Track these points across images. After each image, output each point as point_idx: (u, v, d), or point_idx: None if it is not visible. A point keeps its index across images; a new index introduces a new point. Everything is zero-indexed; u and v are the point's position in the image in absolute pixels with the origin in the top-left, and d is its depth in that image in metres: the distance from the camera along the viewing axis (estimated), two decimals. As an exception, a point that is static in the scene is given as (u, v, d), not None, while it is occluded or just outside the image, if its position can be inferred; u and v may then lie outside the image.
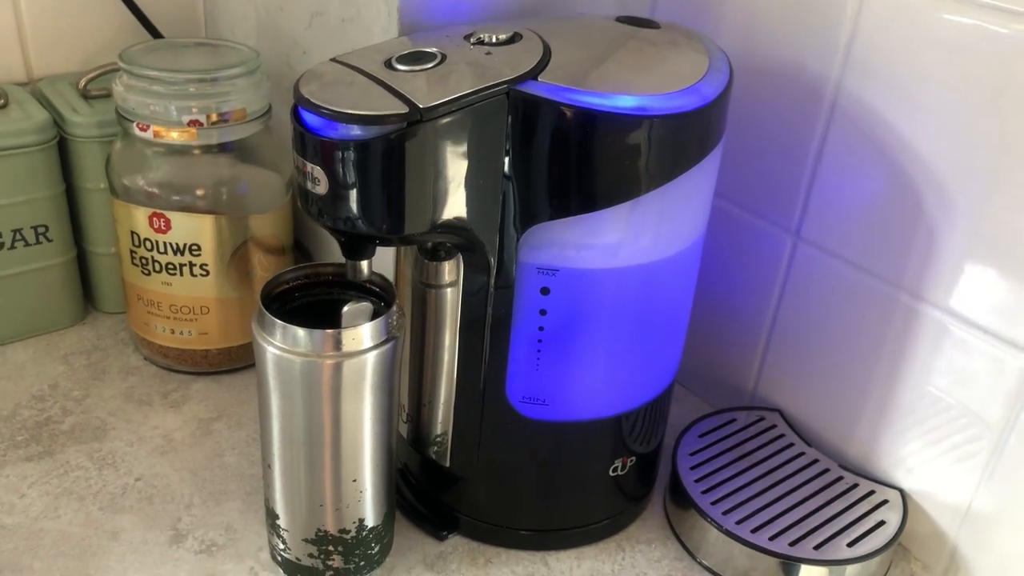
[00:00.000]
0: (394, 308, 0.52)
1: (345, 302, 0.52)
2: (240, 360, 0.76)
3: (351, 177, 0.47)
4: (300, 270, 0.55)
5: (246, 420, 0.71)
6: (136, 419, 0.70)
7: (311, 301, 0.55)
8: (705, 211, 0.56)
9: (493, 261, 0.52)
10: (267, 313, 0.50)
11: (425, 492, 0.64)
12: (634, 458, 0.61)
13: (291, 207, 0.76)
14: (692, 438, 0.68)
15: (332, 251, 0.81)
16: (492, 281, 0.53)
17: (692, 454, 0.67)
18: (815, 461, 0.67)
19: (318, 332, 0.49)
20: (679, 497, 0.64)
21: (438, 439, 0.61)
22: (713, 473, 0.65)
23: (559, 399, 0.56)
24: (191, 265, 0.70)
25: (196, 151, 0.69)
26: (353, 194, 0.47)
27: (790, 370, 0.71)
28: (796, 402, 0.71)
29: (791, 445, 0.69)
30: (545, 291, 0.52)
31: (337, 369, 0.50)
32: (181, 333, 0.73)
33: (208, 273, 0.71)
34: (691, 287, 0.58)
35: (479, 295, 0.54)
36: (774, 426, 0.71)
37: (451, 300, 0.56)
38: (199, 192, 0.69)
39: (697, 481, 0.64)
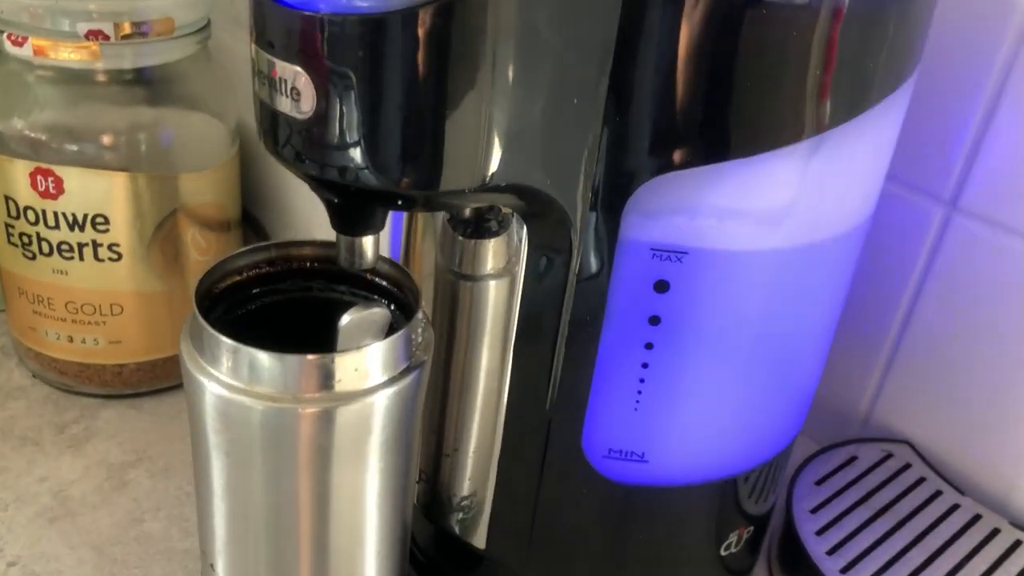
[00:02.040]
0: (419, 316, 0.31)
1: (335, 305, 0.32)
2: (168, 378, 0.58)
3: (355, 85, 0.26)
4: (260, 252, 0.34)
5: (178, 464, 0.52)
6: (15, 467, 0.51)
7: (279, 302, 0.34)
8: (884, 169, 0.37)
9: (575, 238, 0.32)
10: (206, 325, 0.30)
11: (441, 579, 0.44)
12: (752, 528, 0.42)
13: (238, 164, 0.56)
14: (807, 487, 0.50)
15: (296, 227, 0.60)
16: (572, 270, 0.33)
17: (812, 511, 0.48)
18: (977, 517, 0.49)
19: (294, 359, 0.29)
20: (801, 572, 0.45)
21: (464, 504, 0.42)
22: (846, 542, 0.46)
23: (666, 453, 0.37)
24: (95, 245, 0.51)
25: (100, 79, 0.50)
26: (357, 117, 0.27)
27: (925, 389, 0.55)
28: (932, 433, 0.54)
29: (939, 494, 0.51)
30: (662, 287, 0.33)
31: (326, 421, 0.30)
32: (83, 341, 0.54)
33: (120, 257, 0.52)
34: (848, 282, 0.39)
35: (548, 293, 0.34)
36: (907, 465, 0.53)
37: (497, 300, 0.36)
38: (105, 140, 0.51)
39: (829, 554, 0.45)
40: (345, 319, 0.29)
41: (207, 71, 0.54)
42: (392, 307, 0.34)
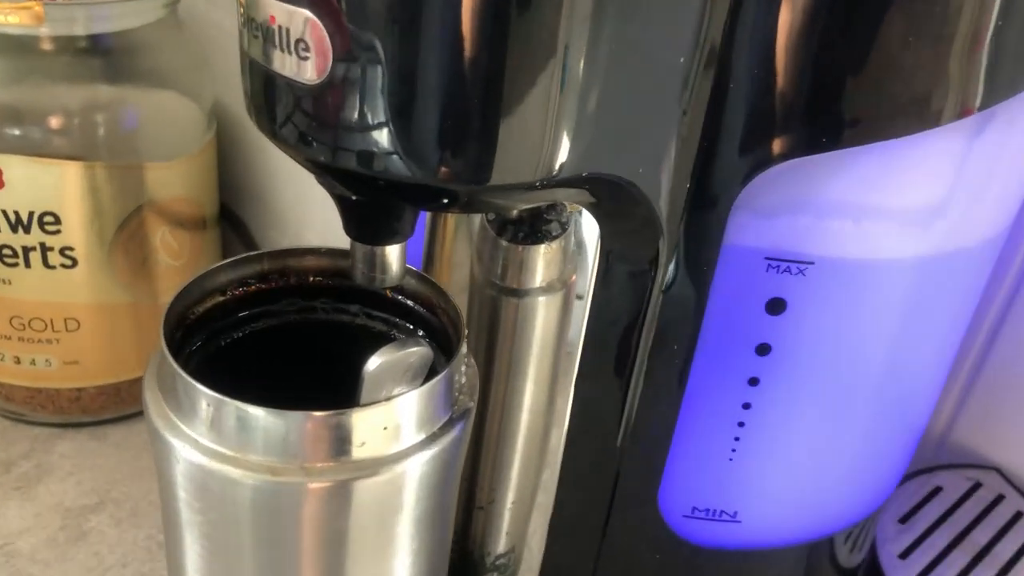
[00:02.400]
0: (462, 351, 0.24)
1: (346, 331, 0.24)
2: (135, 403, 0.50)
3: (385, 39, 0.19)
4: (248, 264, 0.26)
5: (148, 508, 0.45)
6: (-48, 515, 0.43)
7: (273, 329, 0.26)
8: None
9: (664, 243, 0.25)
10: (179, 369, 0.22)
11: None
12: (845, 587, 0.35)
13: (214, 152, 0.48)
14: (891, 526, 0.43)
15: (284, 227, 0.52)
16: (659, 284, 0.25)
17: (902, 556, 0.41)
18: (1089, 559, 0.42)
19: (299, 416, 0.21)
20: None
21: (501, 563, 0.35)
22: (946, 593, 0.39)
23: (765, 511, 0.30)
24: (44, 249, 0.44)
25: (46, 48, 0.43)
26: (386, 84, 0.19)
27: (1014, 408, 0.46)
28: (1022, 457, 0.47)
29: (1042, 532, 0.43)
30: (777, 307, 0.25)
31: (343, 499, 0.22)
32: (33, 363, 0.47)
33: (75, 263, 0.44)
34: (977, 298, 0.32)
35: (623, 312, 0.27)
36: (1000, 497, 0.46)
37: (549, 320, 0.29)
38: (54, 123, 0.43)
39: (929, 612, 0.38)
40: (374, 363, 0.21)
41: (177, 42, 0.46)
42: (426, 338, 0.26)
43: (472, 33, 0.20)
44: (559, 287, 0.29)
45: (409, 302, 0.27)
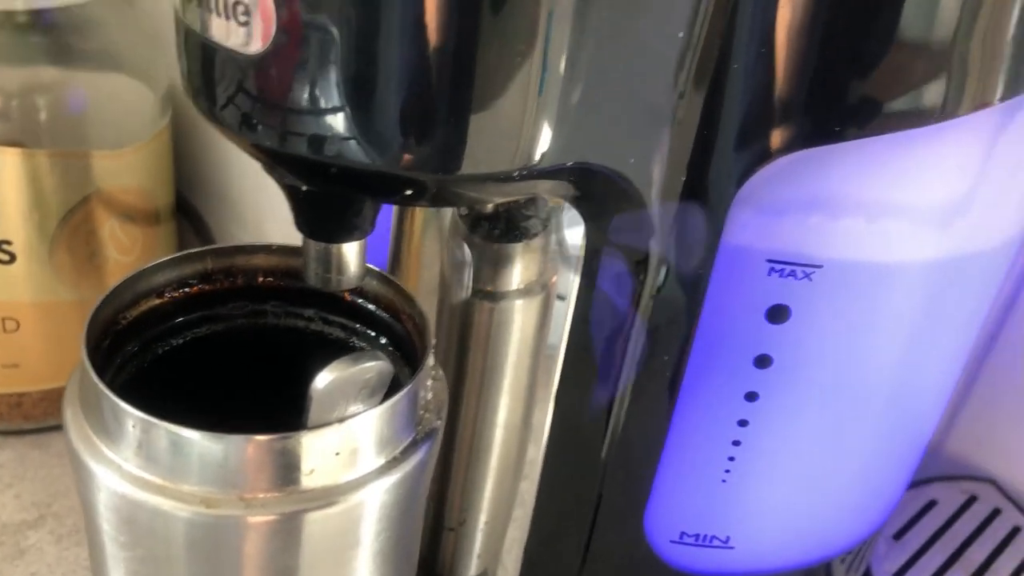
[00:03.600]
0: (428, 363, 0.21)
1: (301, 338, 0.21)
2: None
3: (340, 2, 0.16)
4: (190, 263, 0.23)
5: None
6: None
7: (217, 336, 0.24)
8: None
9: (656, 242, 0.22)
10: (102, 385, 0.19)
11: None
12: (843, 613, 0.33)
13: (169, 139, 0.45)
14: (885, 543, 0.41)
15: (246, 220, 0.49)
16: (649, 287, 0.23)
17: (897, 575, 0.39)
18: (1090, 577, 0.40)
19: (239, 441, 0.18)
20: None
21: None
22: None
23: (760, 535, 0.27)
24: None
25: None
26: (341, 56, 0.16)
27: (1010, 415, 0.44)
28: (1018, 469, 0.45)
29: (1041, 548, 0.41)
30: (779, 315, 0.23)
31: (290, 533, 0.19)
32: None
33: (13, 258, 0.42)
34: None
35: (609, 318, 0.24)
36: (997, 511, 0.44)
37: (527, 327, 0.26)
38: None
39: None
40: (323, 380, 0.19)
41: (128, 19, 0.43)
42: (388, 345, 0.23)
43: (443, 10, 0.17)
44: (538, 290, 0.27)
45: (370, 306, 0.24)
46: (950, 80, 0.21)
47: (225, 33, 0.17)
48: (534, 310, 0.27)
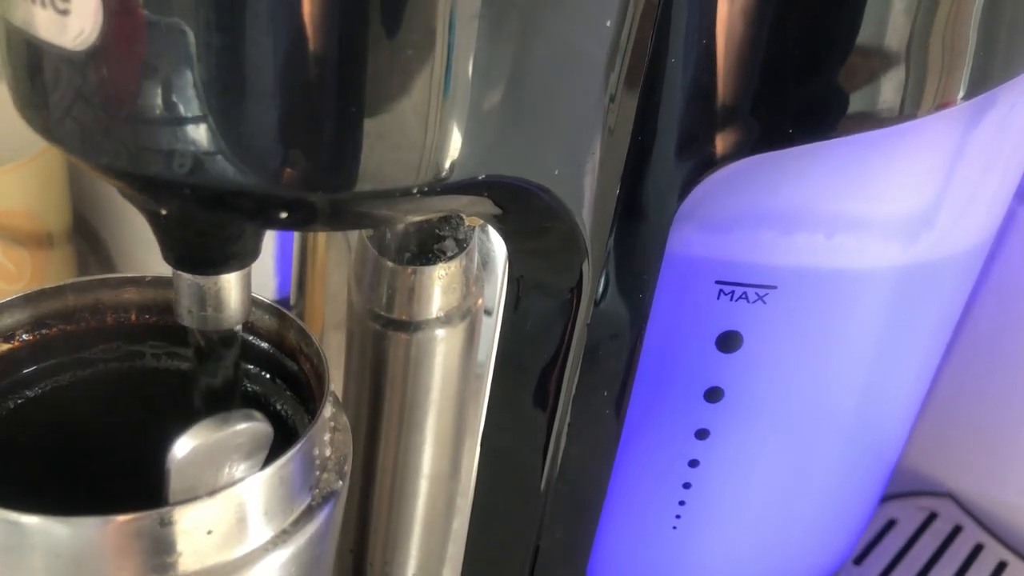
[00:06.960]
0: (325, 413, 0.18)
1: (188, 387, 0.18)
2: None
3: None
4: (45, 300, 0.20)
5: None
6: None
7: (83, 386, 0.20)
8: None
9: (588, 264, 0.19)
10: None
11: None
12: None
13: (61, 154, 0.39)
14: (846, 570, 0.38)
15: (153, 245, 0.45)
16: (582, 315, 0.20)
17: (859, 605, 0.37)
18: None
19: (94, 524, 0.15)
20: None
21: None
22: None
23: (716, 585, 0.24)
24: None
25: None
26: (194, 44, 0.13)
27: (966, 428, 0.42)
28: (976, 483, 0.44)
29: (1004, 566, 0.40)
30: (730, 343, 0.20)
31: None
32: None
33: None
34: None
35: (539, 349, 0.21)
36: (958, 528, 0.42)
37: (451, 360, 0.23)
38: None
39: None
40: (184, 447, 0.15)
41: (9, 24, 0.38)
42: (285, 388, 0.20)
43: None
44: (461, 317, 0.24)
45: (264, 344, 0.21)
46: (908, 77, 0.19)
47: (48, 26, 0.14)
48: (457, 340, 0.24)
